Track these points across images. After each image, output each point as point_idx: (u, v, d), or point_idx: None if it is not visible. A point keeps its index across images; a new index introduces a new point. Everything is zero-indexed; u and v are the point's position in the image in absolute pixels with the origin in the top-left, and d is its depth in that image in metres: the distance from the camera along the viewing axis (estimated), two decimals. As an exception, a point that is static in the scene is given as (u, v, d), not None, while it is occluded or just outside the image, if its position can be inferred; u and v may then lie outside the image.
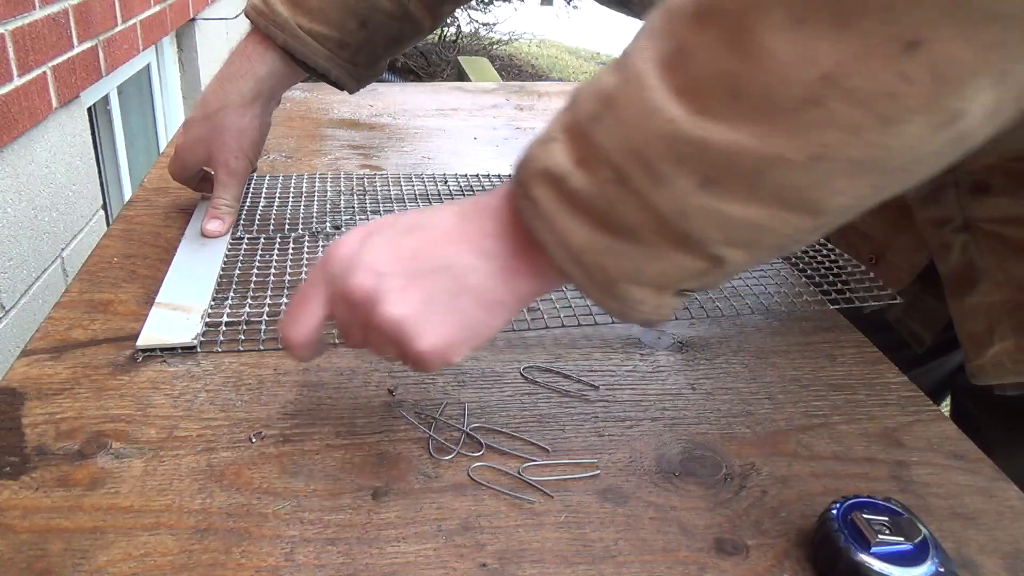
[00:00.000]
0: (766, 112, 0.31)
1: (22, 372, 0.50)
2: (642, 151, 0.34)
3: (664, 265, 0.36)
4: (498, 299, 0.40)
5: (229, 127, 0.68)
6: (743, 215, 0.34)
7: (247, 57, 0.68)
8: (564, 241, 0.37)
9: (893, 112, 0.30)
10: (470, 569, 0.38)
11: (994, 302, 0.59)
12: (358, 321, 0.42)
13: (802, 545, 0.40)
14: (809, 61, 0.30)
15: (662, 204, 0.34)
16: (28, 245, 1.42)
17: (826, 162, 0.32)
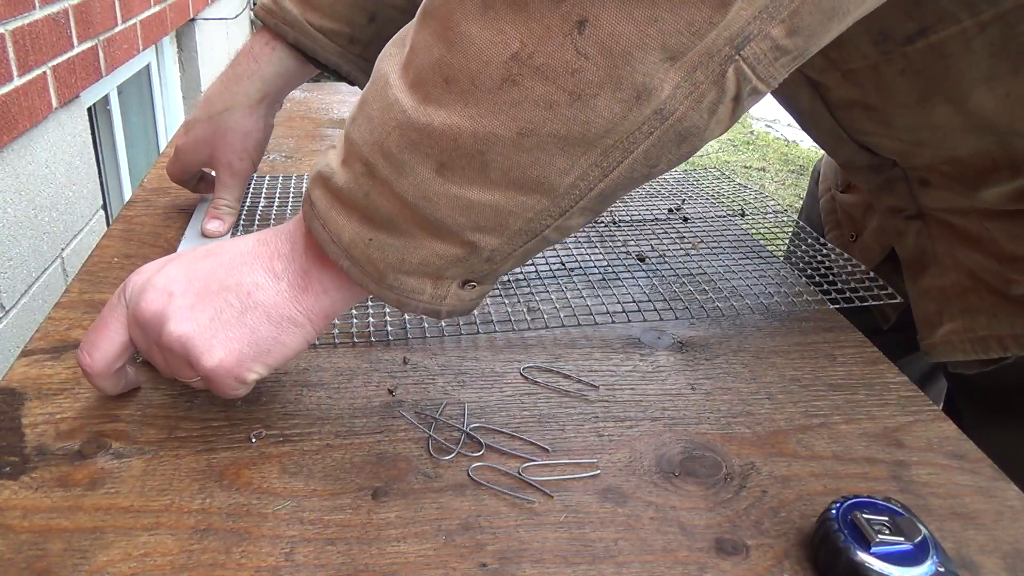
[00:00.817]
0: (473, 94, 0.34)
1: (22, 372, 0.50)
2: (383, 142, 0.37)
3: (424, 253, 0.39)
4: (287, 315, 0.42)
5: (234, 128, 0.68)
6: (480, 198, 0.36)
7: (254, 58, 0.68)
8: (336, 237, 0.39)
9: (579, 87, 0.33)
10: (470, 569, 0.38)
11: (944, 285, 0.62)
12: (151, 341, 0.42)
13: (802, 545, 0.40)
14: (500, 44, 0.33)
15: (407, 192, 0.37)
16: (28, 245, 1.42)
17: (534, 138, 0.34)
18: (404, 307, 0.41)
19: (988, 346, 0.60)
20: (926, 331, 0.64)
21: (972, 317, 0.61)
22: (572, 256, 0.70)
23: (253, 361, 0.42)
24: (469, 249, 0.38)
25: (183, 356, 0.42)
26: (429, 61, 0.35)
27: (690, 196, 0.86)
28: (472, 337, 0.58)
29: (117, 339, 0.43)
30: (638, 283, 0.66)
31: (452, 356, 0.55)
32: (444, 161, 0.36)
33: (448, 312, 0.42)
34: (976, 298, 0.60)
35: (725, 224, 0.79)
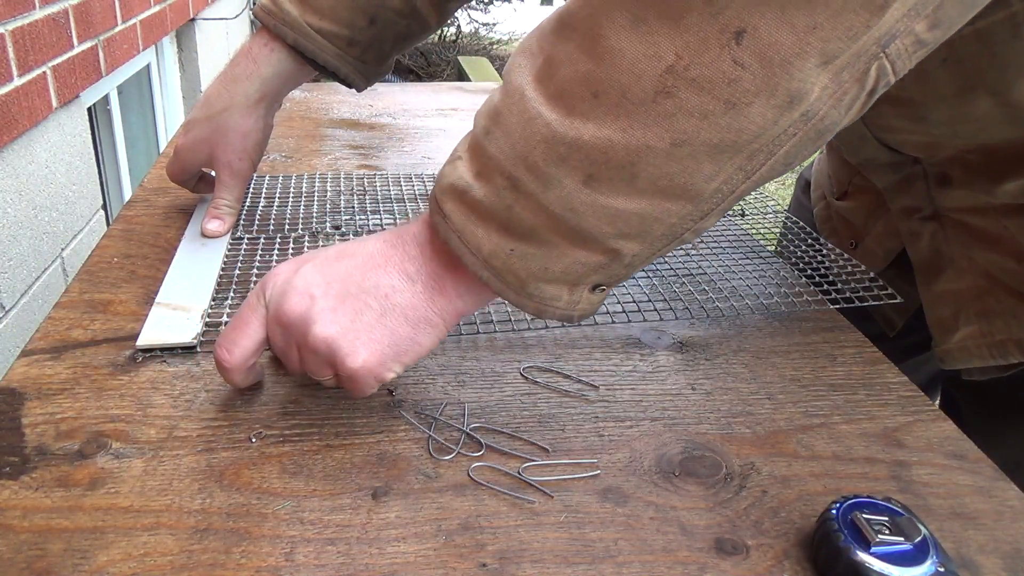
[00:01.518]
0: (625, 107, 0.35)
1: (22, 372, 0.50)
2: (528, 156, 0.37)
3: (567, 262, 0.39)
4: (423, 317, 0.43)
5: (234, 128, 0.68)
6: (627, 207, 0.37)
7: (253, 59, 0.68)
8: (475, 248, 0.40)
9: (735, 96, 0.33)
10: (470, 569, 0.38)
11: (960, 289, 0.61)
12: (293, 342, 0.44)
13: (802, 545, 0.40)
14: (653, 56, 0.34)
15: (553, 203, 0.37)
16: (28, 245, 1.42)
17: (687, 147, 0.35)
18: (542, 314, 0.42)
19: (1007, 350, 0.58)
20: (941, 336, 0.62)
21: (990, 321, 0.59)
22: (572, 256, 0.70)
23: (393, 361, 0.43)
24: (612, 256, 0.39)
25: (328, 357, 0.43)
26: (574, 75, 0.36)
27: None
28: (472, 337, 0.58)
29: (256, 337, 0.45)
30: (638, 283, 0.66)
31: (452, 356, 0.55)
32: (592, 173, 0.36)
33: (580, 316, 0.43)
34: (994, 301, 0.59)
35: (725, 224, 0.79)
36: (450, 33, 5.57)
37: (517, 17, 6.04)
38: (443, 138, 1.02)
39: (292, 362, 0.45)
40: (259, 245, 0.69)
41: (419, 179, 0.86)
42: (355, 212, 0.77)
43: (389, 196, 0.81)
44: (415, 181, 0.85)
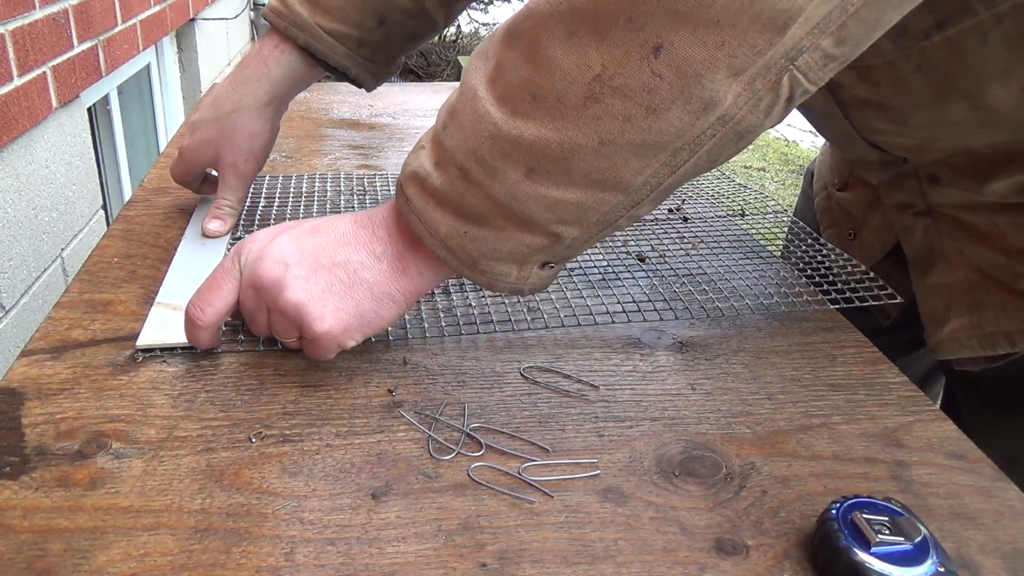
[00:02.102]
0: (559, 109, 0.39)
1: (22, 372, 0.50)
2: (476, 150, 0.42)
3: (514, 243, 0.44)
4: (387, 292, 0.47)
5: (241, 129, 0.68)
6: (564, 197, 0.42)
7: (263, 61, 0.68)
8: (433, 230, 0.45)
9: (654, 103, 0.38)
10: (470, 569, 0.38)
11: (952, 282, 0.63)
12: (264, 305, 0.48)
13: (802, 545, 0.40)
14: (584, 67, 0.38)
15: (499, 193, 0.42)
16: (28, 245, 1.42)
17: (613, 146, 0.39)
18: (493, 287, 0.47)
19: (996, 341, 0.60)
20: (933, 328, 0.64)
21: (980, 313, 0.61)
22: (572, 256, 0.70)
23: (355, 331, 0.48)
24: (553, 239, 0.44)
25: (295, 320, 0.47)
26: (517, 79, 0.40)
27: (690, 196, 0.86)
28: (472, 337, 0.58)
29: (229, 299, 0.49)
30: (638, 283, 0.66)
31: (452, 356, 0.55)
32: (532, 167, 0.41)
33: (530, 289, 0.48)
34: (984, 294, 0.61)
35: (725, 224, 0.79)
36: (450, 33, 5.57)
37: (517, 17, 6.04)
38: (443, 138, 1.02)
39: (260, 324, 0.49)
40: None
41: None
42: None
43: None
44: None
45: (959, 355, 0.62)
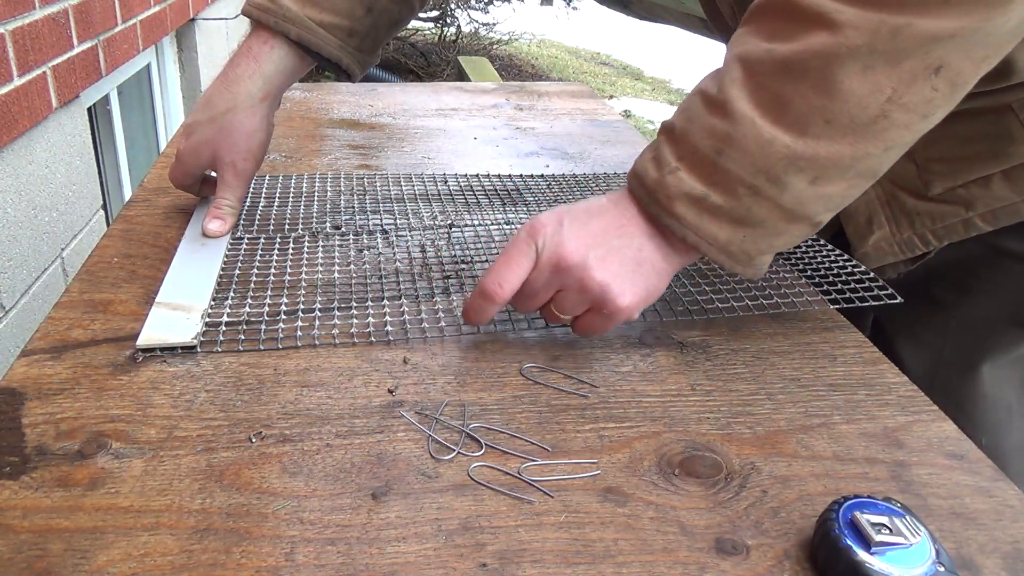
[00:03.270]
0: (852, 129, 0.47)
1: (22, 372, 0.50)
2: (768, 170, 0.48)
3: (787, 238, 0.52)
4: (662, 268, 0.53)
5: (239, 128, 0.68)
6: (837, 191, 0.50)
7: (254, 58, 0.69)
8: (711, 240, 0.51)
9: (929, 111, 0.47)
10: (470, 569, 0.38)
11: (872, 197, 0.71)
12: (559, 283, 0.52)
13: (802, 545, 0.40)
14: (877, 92, 0.46)
15: (787, 201, 0.49)
16: (28, 245, 1.42)
17: (895, 149, 0.49)
18: (756, 276, 0.54)
19: (913, 244, 0.69)
20: (858, 242, 0.72)
21: (897, 221, 0.70)
22: (572, 256, 0.70)
23: (644, 303, 0.53)
24: (815, 226, 0.51)
25: (598, 297, 0.52)
26: (807, 108, 0.47)
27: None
28: (472, 337, 0.58)
29: (523, 275, 0.53)
30: (638, 283, 0.66)
31: (452, 356, 0.55)
32: (819, 175, 0.48)
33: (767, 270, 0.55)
34: (899, 204, 0.70)
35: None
36: (450, 33, 5.57)
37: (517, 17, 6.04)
38: (443, 138, 1.02)
39: (538, 302, 0.54)
40: (259, 245, 0.69)
41: (419, 179, 0.86)
42: (355, 212, 0.77)
43: (389, 196, 0.81)
44: (415, 181, 0.85)
45: (883, 262, 0.70)
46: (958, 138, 0.66)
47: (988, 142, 0.65)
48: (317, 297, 0.61)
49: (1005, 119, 0.64)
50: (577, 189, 0.86)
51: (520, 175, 0.89)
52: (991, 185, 0.65)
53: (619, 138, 1.07)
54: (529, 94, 1.26)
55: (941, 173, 0.67)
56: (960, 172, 0.66)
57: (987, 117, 0.64)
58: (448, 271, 0.66)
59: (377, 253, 0.69)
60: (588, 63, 6.23)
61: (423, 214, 0.77)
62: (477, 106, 1.18)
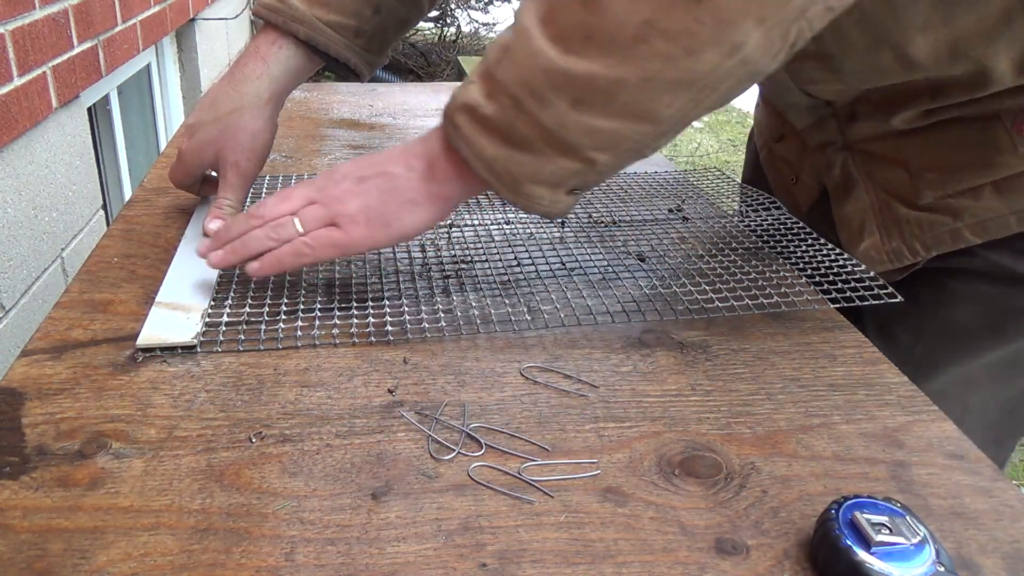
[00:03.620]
0: (610, 48, 0.45)
1: (22, 372, 0.50)
2: (530, 82, 0.47)
3: (553, 167, 0.50)
4: (411, 198, 0.54)
5: (244, 128, 0.69)
6: (604, 126, 0.47)
7: (261, 58, 0.69)
8: (479, 155, 0.50)
9: (693, 45, 0.44)
10: (470, 569, 0.38)
11: (864, 205, 0.73)
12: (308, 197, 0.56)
13: (802, 545, 0.40)
14: (635, 11, 0.44)
15: (547, 120, 0.47)
16: (28, 245, 1.42)
17: (654, 82, 0.45)
18: (528, 209, 0.53)
19: (902, 254, 0.70)
20: (850, 249, 0.73)
21: (888, 230, 0.71)
22: (572, 256, 0.70)
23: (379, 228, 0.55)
24: (588, 164, 0.50)
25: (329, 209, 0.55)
26: (572, 21, 0.46)
27: (690, 196, 0.86)
28: (472, 337, 0.58)
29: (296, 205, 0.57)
30: (638, 283, 0.66)
31: (452, 356, 0.55)
32: (579, 97, 0.46)
33: (558, 214, 0.54)
34: (891, 213, 0.70)
35: (725, 224, 0.79)
36: (450, 33, 5.57)
37: (517, 17, 6.03)
38: (443, 138, 1.02)
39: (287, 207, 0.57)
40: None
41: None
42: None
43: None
44: (415, 181, 0.85)
45: (873, 270, 0.69)
46: (948, 145, 0.66)
47: (977, 151, 0.65)
48: (317, 297, 0.61)
49: (993, 128, 0.63)
50: (577, 189, 0.86)
51: (520, 175, 0.89)
52: (981, 196, 0.65)
53: (619, 138, 1.07)
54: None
55: (932, 182, 0.67)
56: (950, 181, 0.66)
57: (976, 125, 0.64)
58: (448, 271, 0.66)
59: (377, 253, 0.69)
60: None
61: (423, 214, 0.77)
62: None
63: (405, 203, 0.54)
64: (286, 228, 0.56)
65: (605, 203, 0.83)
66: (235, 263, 0.58)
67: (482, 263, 0.68)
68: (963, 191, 0.66)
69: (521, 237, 0.74)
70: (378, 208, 0.54)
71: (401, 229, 0.55)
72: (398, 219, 0.55)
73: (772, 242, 0.74)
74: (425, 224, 0.55)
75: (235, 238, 0.58)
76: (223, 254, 0.58)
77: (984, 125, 0.64)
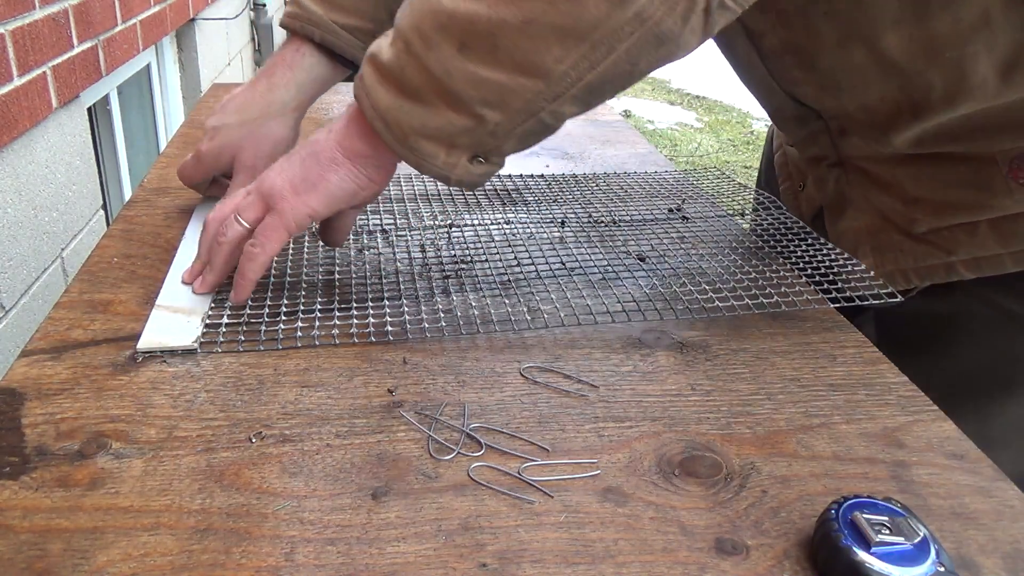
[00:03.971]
0: None
1: (22, 372, 0.50)
2: (420, 25, 0.47)
3: (442, 121, 0.48)
4: (331, 156, 0.54)
5: (268, 136, 0.69)
6: (490, 76, 0.46)
7: (287, 66, 0.70)
8: (374, 104, 0.50)
9: None
10: (470, 569, 0.38)
11: (858, 226, 0.72)
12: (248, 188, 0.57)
13: (802, 545, 0.40)
14: None
15: (433, 65, 0.47)
16: (28, 245, 1.42)
17: (535, 26, 0.44)
18: (421, 168, 0.51)
19: (895, 279, 0.68)
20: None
21: (882, 254, 0.70)
22: (572, 256, 0.70)
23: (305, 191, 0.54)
24: (477, 121, 0.48)
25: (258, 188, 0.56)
26: None
27: (690, 196, 0.86)
28: (472, 337, 0.58)
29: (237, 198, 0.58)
30: (638, 283, 0.66)
31: (452, 356, 0.55)
32: (464, 41, 0.45)
33: (456, 180, 0.52)
34: (885, 237, 0.69)
35: (725, 224, 0.79)
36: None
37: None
38: (443, 138, 1.02)
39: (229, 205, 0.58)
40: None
41: (419, 179, 0.86)
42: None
43: (389, 196, 0.81)
44: (415, 181, 0.85)
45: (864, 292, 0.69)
46: (943, 181, 0.65)
47: (972, 190, 0.63)
48: (317, 297, 0.61)
49: (988, 170, 0.62)
50: (577, 189, 0.86)
51: (520, 175, 0.89)
52: (976, 232, 0.64)
53: (619, 138, 1.07)
54: (529, 94, 1.26)
55: (926, 212, 0.66)
56: (945, 215, 0.65)
57: (971, 164, 0.63)
58: (448, 271, 0.66)
59: (377, 253, 0.69)
60: (588, 63, 6.22)
61: (423, 214, 0.77)
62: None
63: (326, 164, 0.54)
64: (231, 226, 0.57)
65: (605, 203, 0.83)
66: (216, 280, 0.59)
67: (482, 263, 0.68)
68: (958, 225, 0.64)
69: (521, 237, 0.74)
70: (301, 174, 0.54)
71: (329, 189, 0.54)
72: (323, 180, 0.54)
73: (772, 242, 0.74)
74: (353, 184, 0.54)
75: (204, 257, 0.60)
76: (203, 280, 0.60)
77: (979, 166, 0.62)
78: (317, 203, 0.54)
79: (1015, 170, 0.61)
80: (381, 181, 0.56)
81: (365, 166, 0.54)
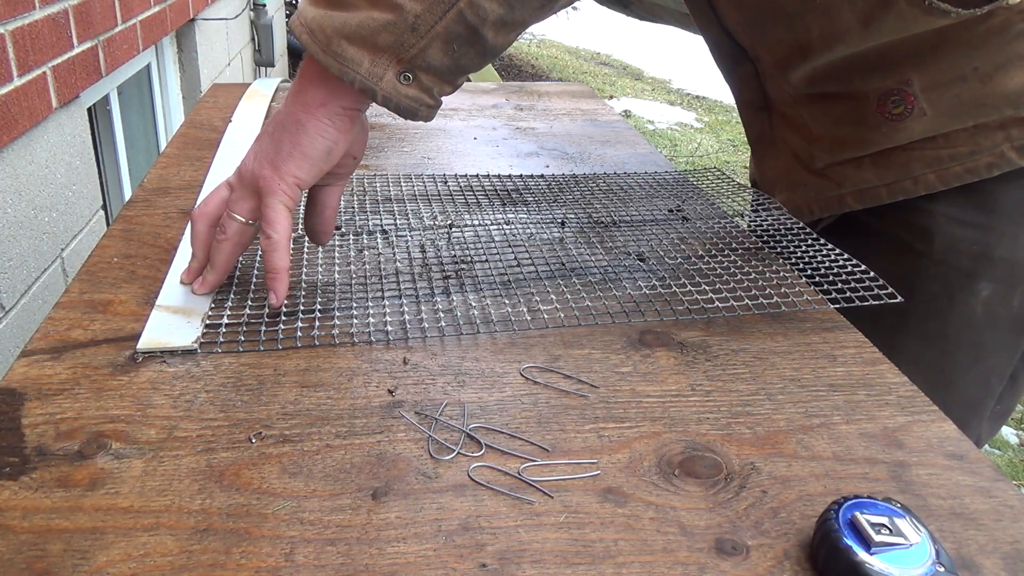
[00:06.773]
0: None
1: (22, 372, 0.50)
2: None
3: (361, 17, 0.49)
4: (294, 118, 0.54)
5: None
6: None
7: None
8: (303, 19, 0.51)
9: None
10: (470, 569, 0.38)
11: (777, 165, 0.80)
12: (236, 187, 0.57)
13: (802, 545, 0.40)
14: None
15: None
16: (28, 245, 1.42)
17: None
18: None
19: (801, 211, 0.77)
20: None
21: (792, 190, 0.78)
22: (572, 256, 0.70)
23: (282, 161, 0.54)
24: (396, 12, 0.48)
25: (238, 178, 0.57)
26: None
27: (690, 196, 0.86)
28: (472, 337, 0.58)
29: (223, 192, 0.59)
30: (638, 283, 0.66)
31: (452, 356, 0.55)
32: None
33: (384, 97, 0.51)
34: (796, 174, 0.77)
35: (725, 224, 0.79)
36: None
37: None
38: (443, 138, 1.02)
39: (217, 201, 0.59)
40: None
41: (419, 179, 0.86)
42: (355, 212, 0.77)
43: (389, 196, 0.81)
44: (415, 181, 0.85)
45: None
46: (833, 118, 0.72)
47: (853, 126, 0.70)
48: (317, 297, 0.61)
49: (864, 106, 0.69)
50: (577, 189, 0.86)
51: (520, 175, 0.89)
52: (862, 167, 0.71)
53: (619, 138, 1.07)
54: (529, 94, 1.26)
55: (823, 149, 0.74)
56: (837, 150, 0.73)
57: (851, 102, 0.70)
58: (448, 271, 0.66)
59: (377, 253, 0.69)
60: (588, 63, 6.23)
61: (423, 214, 0.77)
62: (477, 106, 1.17)
63: (293, 128, 0.54)
64: (228, 224, 0.57)
65: (605, 203, 0.83)
66: (217, 279, 0.59)
67: (482, 263, 0.68)
68: (847, 160, 0.72)
69: (521, 237, 0.74)
70: (274, 148, 0.54)
71: (304, 151, 0.54)
72: (296, 145, 0.54)
73: (772, 242, 0.74)
74: (324, 140, 0.54)
75: (201, 256, 0.60)
76: (203, 280, 0.60)
77: (857, 103, 0.69)
78: (298, 169, 0.54)
79: (881, 105, 0.68)
80: (348, 129, 0.55)
81: (328, 116, 0.53)
